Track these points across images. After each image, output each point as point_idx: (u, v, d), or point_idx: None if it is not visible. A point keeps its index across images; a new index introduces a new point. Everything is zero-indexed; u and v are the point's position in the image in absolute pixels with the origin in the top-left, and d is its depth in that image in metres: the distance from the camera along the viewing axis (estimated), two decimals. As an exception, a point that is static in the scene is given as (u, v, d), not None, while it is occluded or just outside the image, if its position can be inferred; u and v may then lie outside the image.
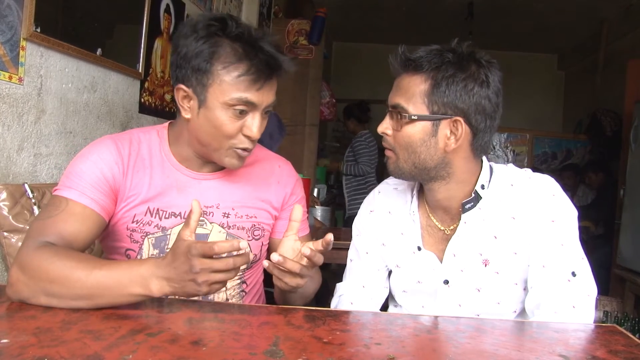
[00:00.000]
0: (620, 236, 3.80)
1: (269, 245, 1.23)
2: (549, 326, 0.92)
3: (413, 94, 1.02)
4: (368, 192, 1.29)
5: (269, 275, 0.97)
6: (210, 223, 1.11)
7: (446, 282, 1.11)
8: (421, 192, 1.15)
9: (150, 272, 0.83)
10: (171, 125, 1.15)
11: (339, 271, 1.36)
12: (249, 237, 1.15)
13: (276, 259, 0.89)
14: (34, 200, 1.34)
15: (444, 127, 1.01)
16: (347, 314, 0.96)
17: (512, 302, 1.09)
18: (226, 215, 1.12)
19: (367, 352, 0.73)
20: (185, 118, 1.04)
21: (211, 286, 0.82)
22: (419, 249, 1.13)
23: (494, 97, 1.02)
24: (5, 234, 1.28)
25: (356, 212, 1.29)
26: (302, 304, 1.10)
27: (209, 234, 1.11)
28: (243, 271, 1.17)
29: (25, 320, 0.79)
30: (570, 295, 1.00)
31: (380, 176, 4.06)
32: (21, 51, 1.35)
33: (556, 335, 0.86)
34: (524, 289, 1.08)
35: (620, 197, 3.90)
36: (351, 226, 1.28)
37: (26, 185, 1.34)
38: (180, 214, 1.09)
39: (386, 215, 1.20)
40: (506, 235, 1.06)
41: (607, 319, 3.28)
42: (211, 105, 1.00)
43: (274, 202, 1.19)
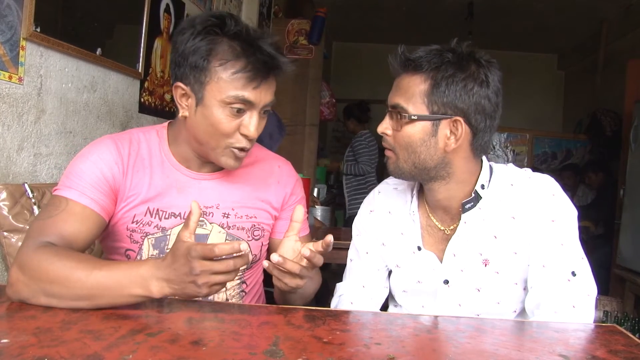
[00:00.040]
0: (620, 236, 3.80)
1: (268, 245, 1.23)
2: (549, 326, 0.92)
3: (413, 94, 1.02)
4: (368, 191, 1.28)
5: (269, 275, 0.97)
6: (210, 223, 1.11)
7: (446, 282, 1.11)
8: (421, 192, 1.15)
9: (150, 273, 0.82)
10: (170, 125, 1.14)
11: (339, 271, 1.36)
12: (248, 237, 1.14)
13: (276, 259, 0.89)
14: (34, 200, 1.34)
15: (444, 127, 1.01)
16: (347, 313, 0.96)
17: (512, 302, 1.09)
18: (226, 215, 1.12)
19: (367, 352, 0.73)
20: (184, 116, 1.04)
21: (211, 288, 0.81)
22: (419, 248, 1.13)
23: (493, 96, 1.02)
24: (5, 233, 1.28)
25: (356, 211, 1.28)
26: (302, 304, 1.10)
27: (208, 234, 1.11)
28: (243, 271, 1.17)
29: (25, 320, 0.79)
30: (570, 295, 1.00)
31: (380, 176, 4.06)
32: (21, 51, 1.35)
33: (556, 335, 0.86)
34: (524, 288, 1.08)
35: (620, 197, 3.90)
36: (352, 226, 1.28)
37: (26, 185, 1.34)
38: (180, 214, 1.09)
39: (386, 215, 1.20)
40: (506, 235, 1.06)
41: (607, 319, 3.28)
42: (208, 103, 1.00)
43: (273, 202, 1.19)
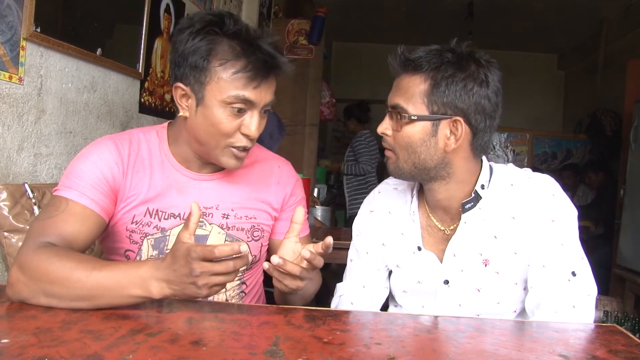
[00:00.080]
0: (620, 236, 3.80)
1: (268, 246, 1.22)
2: (549, 326, 0.92)
3: (413, 94, 1.02)
4: (369, 191, 1.28)
5: (269, 276, 0.97)
6: (210, 224, 1.11)
7: (446, 282, 1.11)
8: (421, 192, 1.15)
9: (150, 274, 0.82)
10: (170, 125, 1.14)
11: (339, 271, 1.36)
12: (248, 238, 1.14)
13: (276, 261, 0.89)
14: (34, 200, 1.34)
15: (444, 127, 1.01)
16: (347, 313, 0.96)
17: (512, 302, 1.09)
18: (225, 216, 1.12)
19: (367, 352, 0.73)
20: (184, 117, 1.04)
21: (211, 289, 0.81)
22: (419, 249, 1.13)
23: (493, 96, 1.02)
24: (6, 234, 1.28)
25: (357, 211, 1.28)
26: (302, 305, 1.10)
27: (208, 235, 1.10)
28: (243, 272, 1.16)
29: (25, 320, 0.79)
30: (570, 295, 1.00)
31: (380, 176, 4.06)
32: (21, 51, 1.35)
33: (556, 335, 0.86)
34: (524, 288, 1.08)
35: (620, 197, 3.90)
36: (352, 226, 1.28)
37: (26, 185, 1.34)
38: (179, 215, 1.09)
39: (386, 215, 1.20)
40: (506, 235, 1.06)
41: (607, 319, 3.28)
42: (209, 103, 1.00)
43: (273, 202, 1.19)
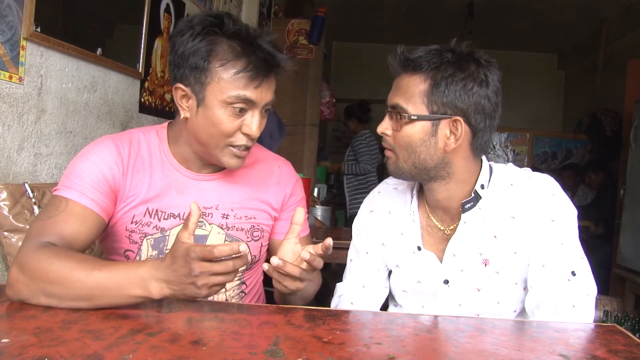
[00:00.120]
0: (620, 236, 3.80)
1: (268, 246, 1.22)
2: (549, 326, 0.92)
3: (412, 94, 1.02)
4: (369, 191, 1.28)
5: (268, 275, 0.97)
6: (210, 224, 1.11)
7: (446, 282, 1.11)
8: (421, 192, 1.15)
9: (150, 274, 0.82)
10: (170, 125, 1.14)
11: (339, 271, 1.36)
12: (248, 238, 1.14)
13: (276, 262, 0.89)
14: (34, 200, 1.34)
15: (444, 126, 1.01)
16: (347, 313, 0.96)
17: (512, 302, 1.09)
18: (225, 216, 1.12)
19: (367, 352, 0.73)
20: (184, 118, 1.04)
21: (211, 289, 0.81)
22: (419, 248, 1.13)
23: (493, 96, 1.02)
24: (6, 233, 1.28)
25: (357, 211, 1.28)
26: (301, 305, 1.10)
27: (207, 235, 1.10)
28: (242, 272, 1.16)
29: (25, 320, 0.79)
30: (570, 295, 1.00)
31: (381, 176, 4.06)
32: (21, 51, 1.35)
33: (556, 334, 0.86)
34: (524, 288, 1.08)
35: (621, 197, 3.90)
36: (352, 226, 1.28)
37: (26, 185, 1.34)
38: (179, 215, 1.09)
39: (386, 215, 1.20)
40: (506, 235, 1.06)
41: (607, 319, 3.28)
42: (210, 103, 1.00)
43: (273, 203, 1.19)
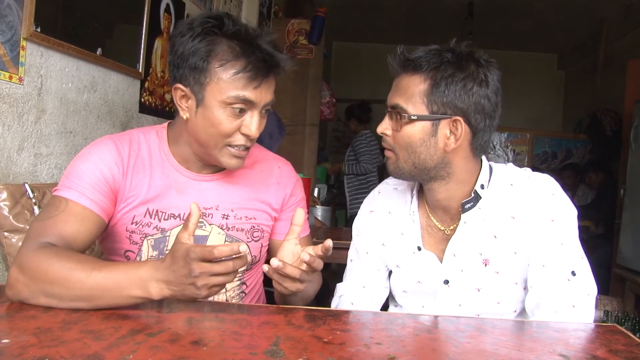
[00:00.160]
0: (620, 236, 3.80)
1: (269, 246, 1.22)
2: (549, 326, 0.92)
3: (412, 94, 1.02)
4: (369, 191, 1.28)
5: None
6: (210, 224, 1.11)
7: (446, 282, 1.11)
8: (421, 192, 1.15)
9: (149, 275, 0.82)
10: (170, 126, 1.14)
11: (339, 271, 1.36)
12: (248, 238, 1.14)
13: (276, 264, 0.88)
14: (34, 200, 1.34)
15: (444, 126, 1.01)
16: (348, 313, 0.96)
17: (512, 302, 1.09)
18: (225, 216, 1.12)
19: (368, 352, 0.73)
20: (184, 118, 1.04)
21: (210, 289, 0.81)
22: (419, 249, 1.13)
23: (493, 96, 1.02)
24: (6, 234, 1.28)
25: (358, 211, 1.28)
26: (302, 305, 1.10)
27: (207, 236, 1.10)
28: (242, 272, 1.16)
29: (25, 320, 0.79)
30: (570, 295, 1.00)
31: (382, 176, 4.06)
32: (21, 51, 1.35)
33: (556, 334, 0.86)
34: (524, 288, 1.08)
35: (621, 197, 3.90)
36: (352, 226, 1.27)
37: (26, 185, 1.34)
38: (179, 215, 1.09)
39: (386, 215, 1.20)
40: (506, 235, 1.06)
41: (607, 319, 3.28)
42: (209, 104, 1.00)
43: (273, 203, 1.19)
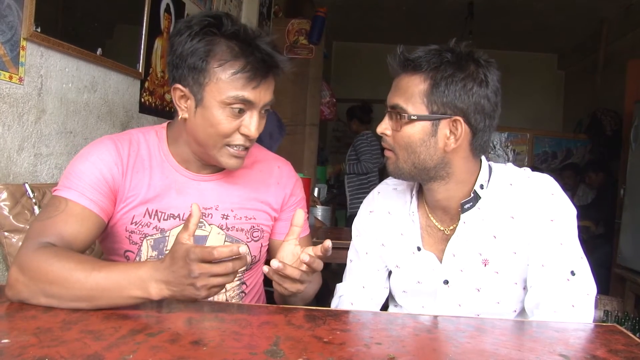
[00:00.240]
0: (620, 236, 3.80)
1: (268, 246, 1.22)
2: (549, 326, 0.92)
3: (412, 94, 1.02)
4: (370, 191, 1.28)
5: (268, 276, 0.97)
6: (209, 224, 1.11)
7: (446, 282, 1.11)
8: (420, 193, 1.15)
9: (149, 275, 0.82)
10: (169, 126, 1.14)
11: (339, 271, 1.36)
12: (247, 238, 1.14)
13: (276, 265, 0.88)
14: (34, 200, 1.34)
15: (444, 127, 1.01)
16: (347, 313, 0.96)
17: (512, 302, 1.09)
18: (225, 216, 1.12)
19: (368, 352, 0.73)
20: (183, 118, 1.03)
21: (210, 290, 0.81)
22: (419, 249, 1.13)
23: (492, 96, 1.02)
24: (6, 234, 1.28)
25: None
26: (302, 305, 1.10)
27: (207, 236, 1.10)
28: (242, 272, 1.16)
29: (25, 320, 0.79)
30: (570, 295, 1.00)
31: (382, 177, 4.07)
32: (21, 51, 1.35)
33: (556, 334, 0.86)
34: (523, 288, 1.08)
35: (621, 197, 3.90)
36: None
37: (27, 185, 1.34)
38: (179, 215, 1.09)
39: (386, 215, 1.20)
40: (505, 235, 1.06)
41: (607, 319, 3.28)
42: (208, 104, 1.00)
43: (273, 203, 1.19)
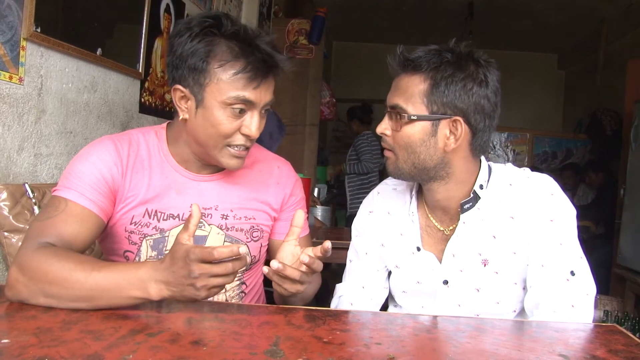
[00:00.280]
0: (620, 236, 3.80)
1: (268, 246, 1.22)
2: (549, 326, 0.92)
3: (412, 94, 1.02)
4: (370, 191, 1.28)
5: (268, 277, 0.97)
6: (209, 225, 1.11)
7: (445, 282, 1.11)
8: (420, 193, 1.15)
9: (149, 276, 0.82)
10: (169, 126, 1.14)
11: (339, 271, 1.36)
12: (247, 238, 1.14)
13: (275, 266, 0.88)
14: (34, 200, 1.34)
15: (444, 127, 1.01)
16: (347, 313, 0.96)
17: (512, 302, 1.09)
18: (225, 217, 1.12)
19: (367, 352, 0.73)
20: (183, 119, 1.03)
21: (210, 290, 0.81)
22: (418, 249, 1.13)
23: (492, 96, 1.02)
24: (6, 234, 1.28)
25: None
26: (301, 305, 1.10)
27: (207, 236, 1.10)
28: (242, 272, 1.16)
29: (25, 320, 0.79)
30: (569, 295, 1.00)
31: (382, 177, 4.06)
32: (21, 51, 1.35)
33: (556, 334, 0.86)
34: (523, 288, 1.08)
35: (621, 197, 3.90)
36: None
37: (26, 185, 1.34)
38: (178, 215, 1.09)
39: (385, 215, 1.20)
40: (505, 235, 1.06)
41: (607, 319, 3.29)
42: (209, 104, 1.00)
43: (272, 203, 1.19)
